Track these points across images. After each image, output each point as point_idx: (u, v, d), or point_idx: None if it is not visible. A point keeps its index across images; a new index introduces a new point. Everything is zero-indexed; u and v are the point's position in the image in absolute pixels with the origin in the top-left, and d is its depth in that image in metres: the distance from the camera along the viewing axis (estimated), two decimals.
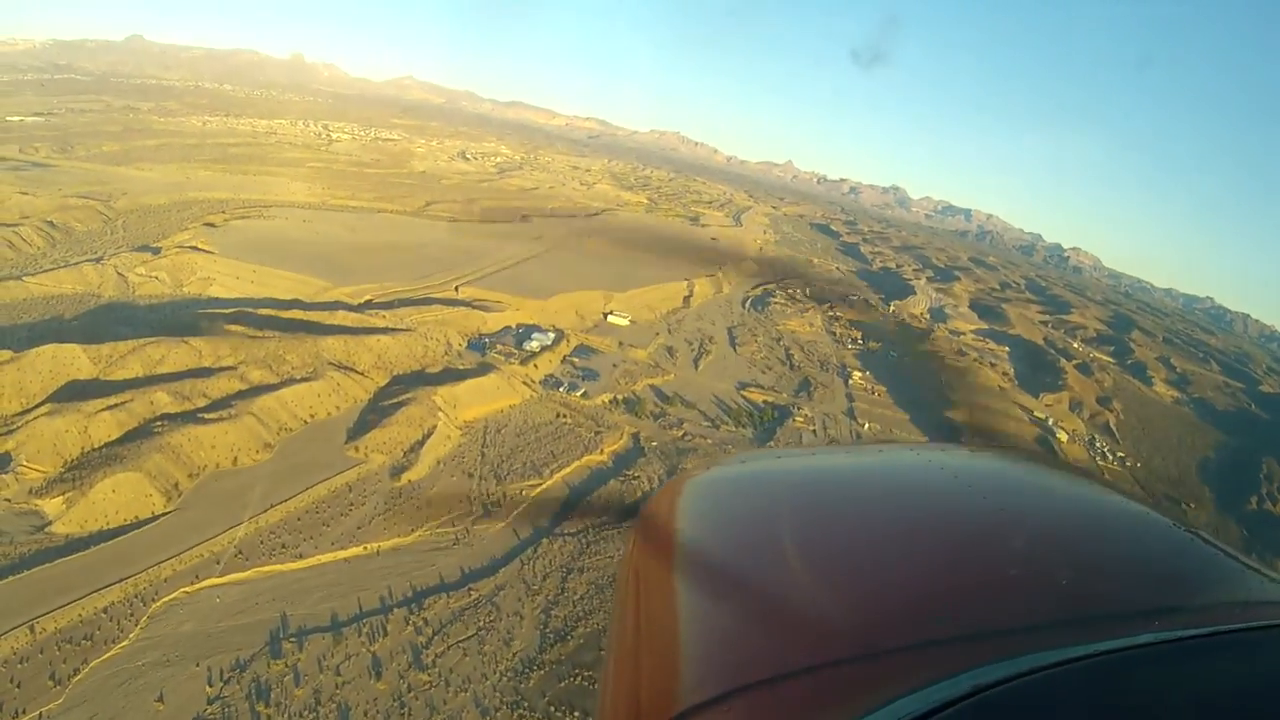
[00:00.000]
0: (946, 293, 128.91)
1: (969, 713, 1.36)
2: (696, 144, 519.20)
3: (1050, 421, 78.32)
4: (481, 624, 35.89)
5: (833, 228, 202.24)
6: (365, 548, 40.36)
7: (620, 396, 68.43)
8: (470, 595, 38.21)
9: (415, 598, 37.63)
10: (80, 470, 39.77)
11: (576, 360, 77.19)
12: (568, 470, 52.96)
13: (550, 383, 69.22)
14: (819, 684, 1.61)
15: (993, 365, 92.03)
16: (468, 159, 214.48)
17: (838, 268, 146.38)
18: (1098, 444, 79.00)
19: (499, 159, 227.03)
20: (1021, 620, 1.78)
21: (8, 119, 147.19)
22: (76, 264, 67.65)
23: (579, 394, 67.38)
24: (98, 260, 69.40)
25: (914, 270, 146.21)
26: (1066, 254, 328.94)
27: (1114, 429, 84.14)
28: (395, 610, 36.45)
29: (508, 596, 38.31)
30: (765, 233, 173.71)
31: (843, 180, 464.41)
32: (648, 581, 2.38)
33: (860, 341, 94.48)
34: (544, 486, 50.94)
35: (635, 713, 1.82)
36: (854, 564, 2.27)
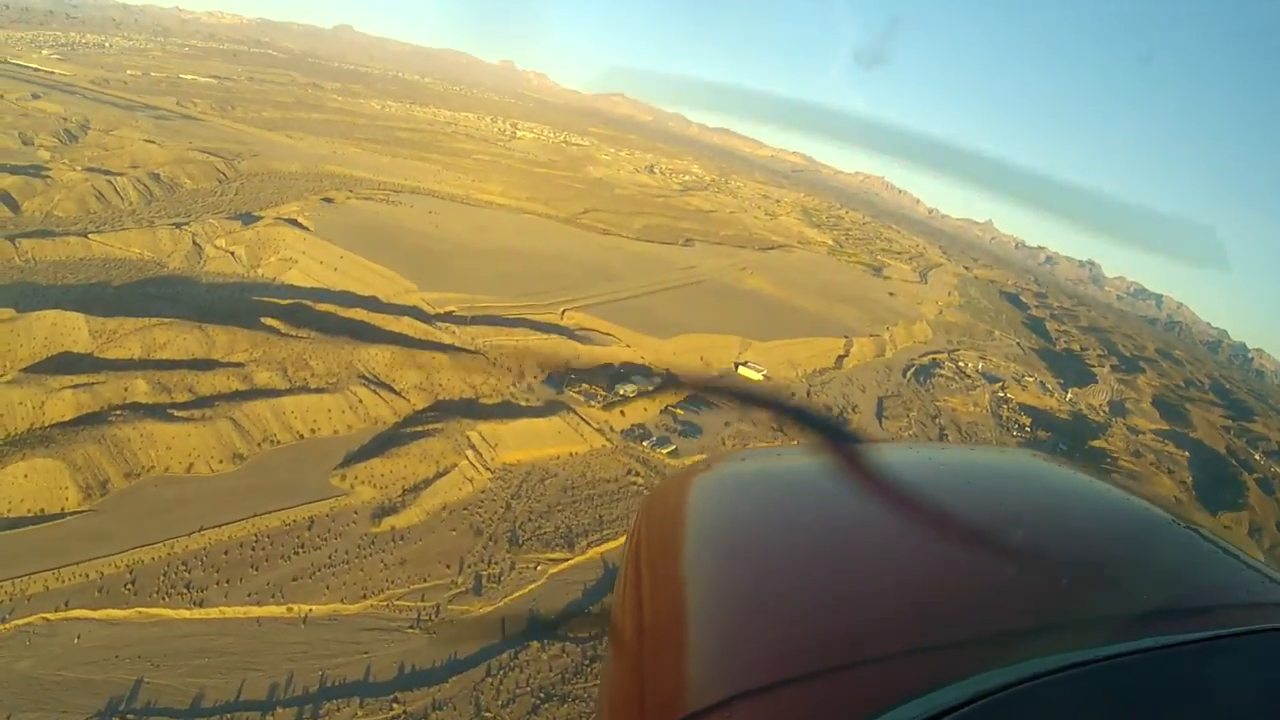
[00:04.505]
0: (1129, 384, 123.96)
1: (971, 719, 1.40)
2: (900, 191, 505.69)
3: None
4: None
5: (1022, 299, 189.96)
6: (290, 609, 32.35)
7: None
8: (392, 710, 28.36)
9: (317, 696, 28.73)
10: (13, 447, 35.75)
11: (681, 412, 67.07)
12: (615, 544, 42.21)
13: (634, 433, 59.17)
14: (822, 689, 1.65)
15: (1170, 472, 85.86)
16: (654, 173, 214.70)
17: (1018, 343, 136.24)
18: None
19: (687, 177, 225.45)
20: (1024, 624, 1.84)
21: (181, 76, 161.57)
22: (153, 226, 67.72)
23: (667, 450, 56.85)
24: (179, 225, 69.11)
25: (1098, 356, 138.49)
26: (1251, 355, 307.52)
27: None
28: (280, 710, 27.45)
29: None
30: (950, 294, 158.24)
31: (1040, 248, 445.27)
32: (650, 581, 2.37)
33: (1028, 429, 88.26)
34: (572, 563, 40.57)
35: (638, 716, 1.84)
36: (857, 565, 2.29)
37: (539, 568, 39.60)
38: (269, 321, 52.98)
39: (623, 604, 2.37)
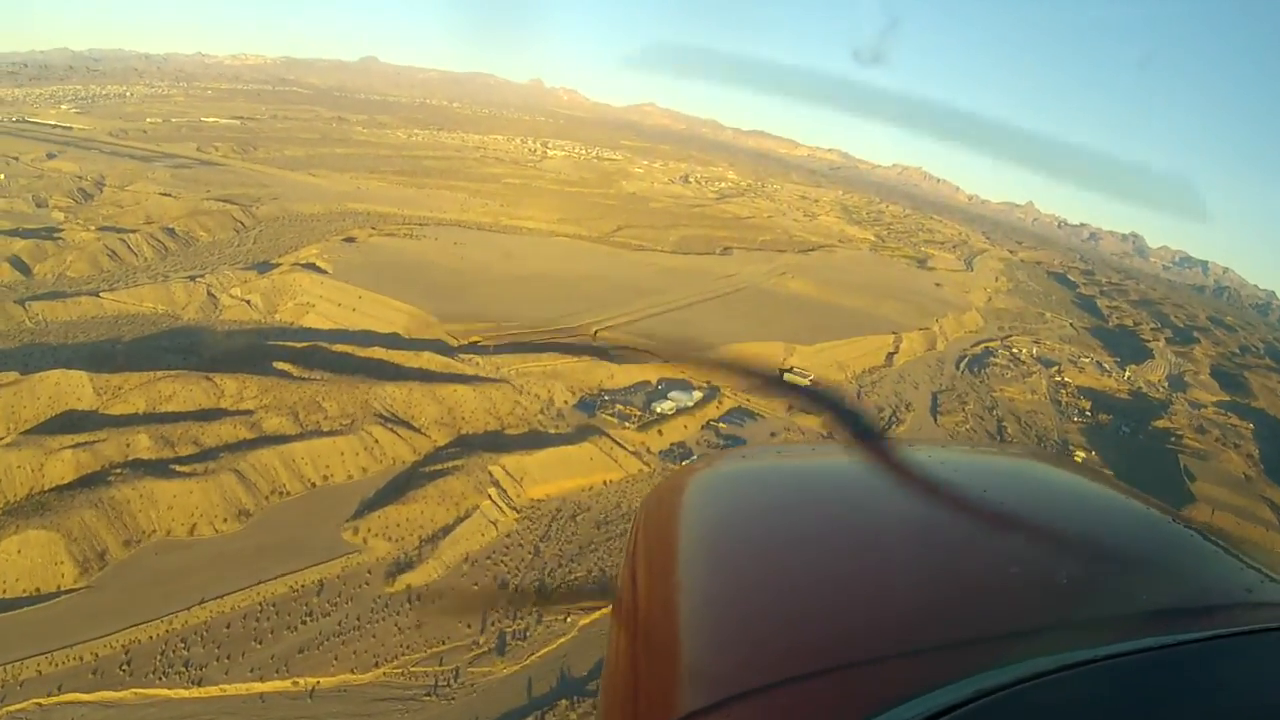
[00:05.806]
0: (1185, 356, 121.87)
1: (970, 718, 1.41)
2: (938, 180, 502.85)
3: None
4: None
5: (1070, 277, 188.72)
6: (295, 683, 30.43)
7: None
8: None
9: None
10: (8, 517, 34.71)
11: (724, 426, 65.01)
12: None
13: (673, 453, 56.58)
14: (820, 689, 1.68)
15: (1236, 446, 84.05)
16: (689, 182, 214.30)
17: (1070, 323, 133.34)
18: None
19: (722, 184, 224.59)
20: (1024, 623, 1.88)
21: (202, 119, 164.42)
22: (166, 280, 67.73)
23: None
24: (193, 277, 69.02)
25: (1151, 330, 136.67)
26: None
27: None
28: None
29: None
30: (997, 279, 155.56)
31: (1083, 225, 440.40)
32: (647, 581, 2.40)
33: (1089, 414, 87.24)
34: (606, 610, 37.42)
35: (634, 716, 1.87)
36: (857, 565, 2.33)
37: (569, 619, 36.95)
38: (280, 365, 51.83)
39: (621, 604, 2.34)
